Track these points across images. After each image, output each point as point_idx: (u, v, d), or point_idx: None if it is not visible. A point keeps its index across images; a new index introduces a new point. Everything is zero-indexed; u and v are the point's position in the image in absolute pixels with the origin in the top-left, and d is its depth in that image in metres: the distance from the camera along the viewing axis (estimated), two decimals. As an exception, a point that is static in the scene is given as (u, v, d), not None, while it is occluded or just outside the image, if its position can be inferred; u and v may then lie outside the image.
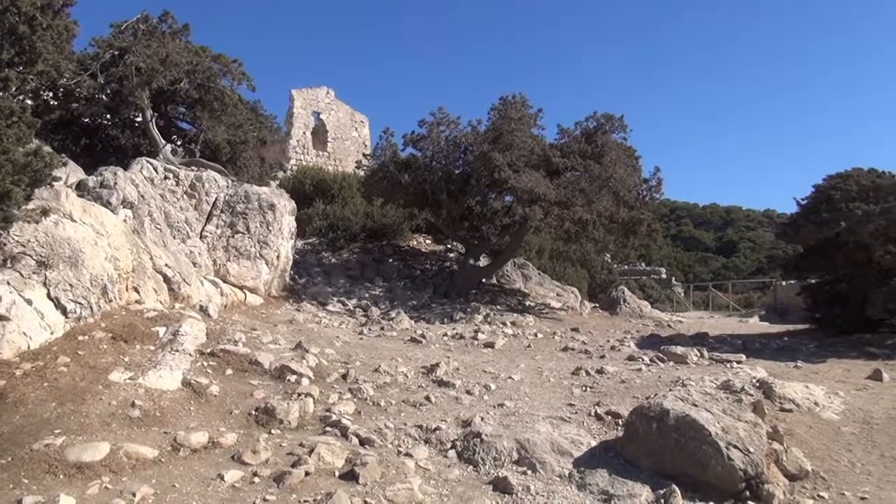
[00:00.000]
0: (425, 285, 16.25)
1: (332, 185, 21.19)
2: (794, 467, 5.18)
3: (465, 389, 7.44)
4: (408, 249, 19.15)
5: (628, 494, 4.71)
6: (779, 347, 11.95)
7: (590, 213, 14.67)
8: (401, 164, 15.75)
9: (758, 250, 60.78)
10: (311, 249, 17.56)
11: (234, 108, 16.07)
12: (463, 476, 5.07)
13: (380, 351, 9.39)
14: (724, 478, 4.81)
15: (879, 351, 10.94)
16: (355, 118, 32.04)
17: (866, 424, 6.39)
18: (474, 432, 5.67)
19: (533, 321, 13.94)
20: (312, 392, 6.50)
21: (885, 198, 11.73)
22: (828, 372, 9.44)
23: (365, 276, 16.11)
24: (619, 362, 9.66)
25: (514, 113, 15.37)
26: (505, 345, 11.20)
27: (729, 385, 7.16)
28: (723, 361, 9.89)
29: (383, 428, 5.84)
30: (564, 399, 7.18)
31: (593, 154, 15.42)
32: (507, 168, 14.05)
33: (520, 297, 17.22)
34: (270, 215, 12.29)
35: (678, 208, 79.59)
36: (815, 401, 6.96)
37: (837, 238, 12.09)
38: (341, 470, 4.83)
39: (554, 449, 5.43)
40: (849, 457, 5.61)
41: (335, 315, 12.54)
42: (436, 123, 15.51)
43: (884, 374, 8.95)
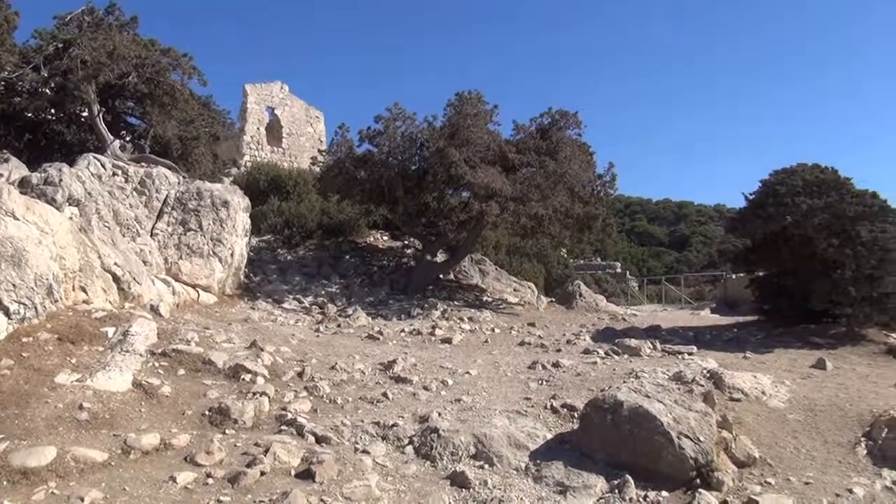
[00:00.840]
0: (382, 282, 16.19)
1: (288, 182, 20.93)
2: (742, 455, 5.32)
3: (423, 385, 7.45)
4: (365, 246, 19.05)
5: (583, 486, 4.78)
6: (728, 339, 12.27)
7: (545, 209, 14.81)
8: (357, 160, 15.65)
9: (709, 244, 62.26)
10: (266, 247, 17.33)
11: (185, 102, 15.72)
12: (420, 472, 5.07)
13: (336, 348, 9.33)
14: (675, 466, 4.92)
15: (823, 341, 11.33)
16: (310, 113, 31.70)
17: (810, 412, 6.60)
18: (432, 428, 5.68)
19: (490, 316, 14.02)
20: (268, 391, 6.42)
21: (828, 193, 12.11)
22: (775, 362, 9.73)
23: (321, 273, 15.96)
24: (575, 356, 9.78)
25: (469, 109, 15.41)
26: (462, 340, 11.24)
27: (681, 376, 7.32)
28: (675, 353, 10.11)
29: (340, 425, 5.81)
30: (521, 393, 7.24)
31: (548, 150, 15.56)
32: (463, 164, 14.09)
33: (477, 292, 17.29)
34: (224, 212, 12.09)
35: (632, 204, 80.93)
36: (763, 390, 7.16)
37: (783, 232, 12.43)
38: (297, 469, 4.78)
39: (511, 442, 5.48)
40: (794, 443, 5.79)
41: (291, 313, 12.40)
42: (392, 119, 15.44)
43: (827, 363, 9.27)
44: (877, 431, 5.80)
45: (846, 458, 5.49)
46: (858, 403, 6.84)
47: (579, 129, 16.72)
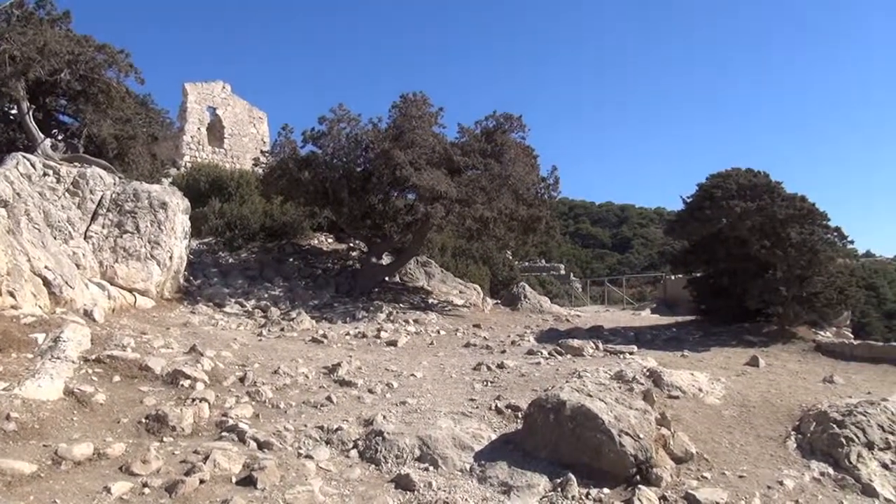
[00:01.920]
0: (327, 284, 16.01)
1: (229, 183, 20.48)
2: (680, 451, 5.47)
3: (368, 388, 7.40)
4: (309, 248, 18.81)
5: (527, 485, 4.83)
6: (668, 338, 12.60)
7: (490, 211, 14.90)
8: (300, 161, 15.43)
9: (650, 246, 63.95)
10: (207, 249, 16.93)
11: (122, 101, 15.20)
12: (365, 475, 5.04)
13: (280, 352, 9.18)
14: (616, 463, 5.02)
15: (756, 339, 11.76)
16: (253, 114, 31.15)
17: (744, 407, 6.84)
18: (376, 431, 5.65)
19: (436, 318, 14.03)
20: (208, 397, 6.27)
21: (761, 196, 12.56)
22: (711, 360, 10.05)
23: (264, 276, 15.68)
24: (520, 357, 9.88)
25: (415, 111, 15.40)
26: (408, 342, 11.22)
27: (622, 375, 7.48)
28: (617, 353, 10.33)
29: (283, 430, 5.72)
30: (466, 394, 7.27)
31: (493, 153, 15.68)
32: (408, 166, 14.06)
33: (423, 294, 17.28)
34: (162, 214, 11.76)
35: (576, 206, 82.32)
36: (700, 387, 7.38)
37: (719, 234, 12.85)
38: (238, 476, 4.68)
39: (455, 444, 5.49)
40: (729, 438, 5.99)
41: (233, 317, 12.15)
42: (336, 120, 15.29)
43: (760, 361, 9.63)
44: (805, 425, 6.05)
45: (777, 451, 5.71)
46: (789, 399, 7.13)
47: (523, 133, 16.90)
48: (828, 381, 8.46)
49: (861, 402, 6.17)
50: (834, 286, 12.24)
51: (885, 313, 53.91)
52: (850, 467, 5.22)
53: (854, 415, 5.81)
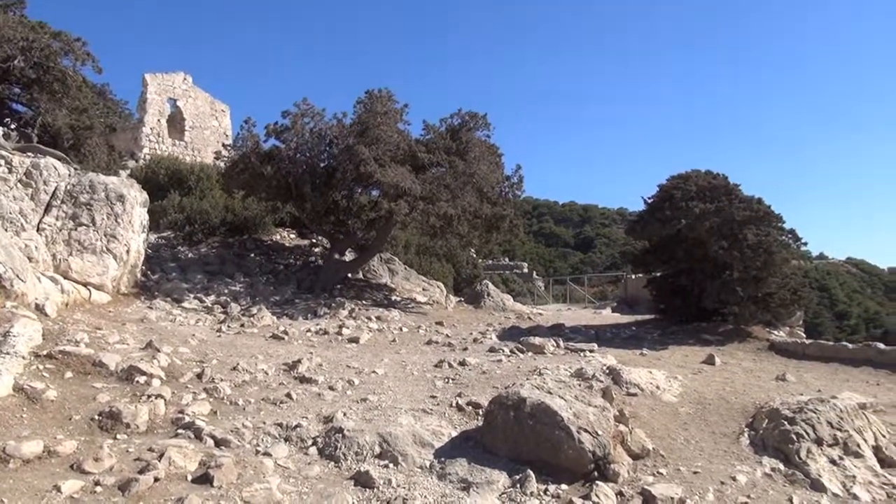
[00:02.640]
0: (289, 280, 15.85)
1: (190, 176, 20.11)
2: (637, 447, 5.55)
3: (328, 385, 7.35)
4: (271, 244, 18.60)
5: (486, 481, 4.85)
6: (627, 336, 12.78)
7: (454, 209, 14.92)
8: (263, 155, 15.21)
9: (612, 246, 64.78)
10: (165, 244, 16.60)
11: (78, 90, 14.85)
12: (324, 472, 5.00)
13: (239, 348, 9.06)
14: (575, 460, 5.07)
15: (713, 338, 12.01)
16: (216, 107, 30.62)
17: (700, 405, 6.97)
18: (336, 428, 5.61)
19: (398, 316, 14.00)
20: (164, 393, 6.15)
21: (719, 198, 12.83)
22: (669, 358, 10.23)
23: (224, 271, 15.45)
24: (481, 354, 9.92)
25: (380, 107, 15.32)
26: (370, 339, 11.17)
27: (582, 373, 7.56)
28: (577, 351, 10.43)
29: (241, 427, 5.64)
30: (427, 391, 7.26)
31: (458, 151, 15.69)
32: (372, 162, 13.99)
33: (386, 291, 17.23)
34: (119, 207, 11.49)
35: (539, 206, 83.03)
36: (657, 385, 7.51)
37: (679, 234, 13.08)
38: (194, 473, 4.60)
39: (416, 441, 5.49)
40: (685, 435, 6.10)
41: (191, 312, 11.94)
42: (300, 115, 15.12)
43: (716, 359, 9.84)
44: (758, 422, 6.19)
45: (731, 447, 5.83)
46: (743, 396, 7.29)
47: (488, 131, 16.96)
48: (780, 380, 8.68)
49: (811, 400, 6.33)
50: (788, 287, 12.57)
51: (837, 314, 55.60)
52: (800, 463, 5.36)
53: (804, 412, 5.96)
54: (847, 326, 50.61)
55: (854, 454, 5.52)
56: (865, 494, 4.94)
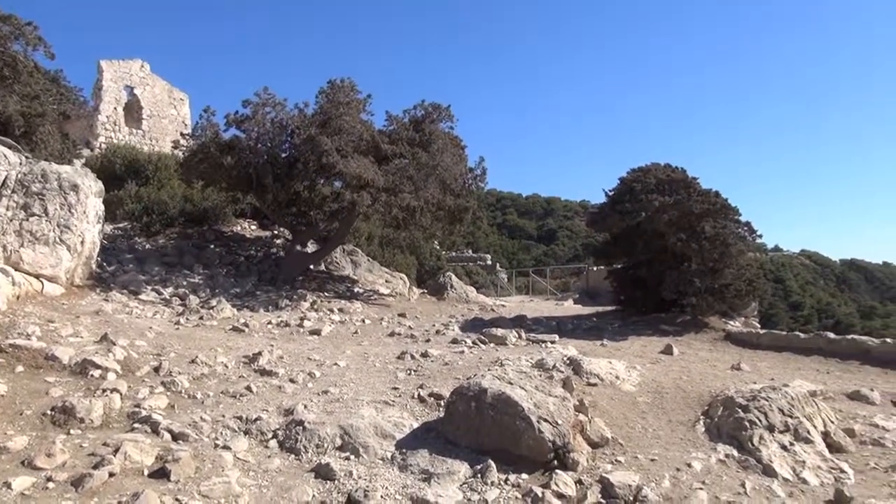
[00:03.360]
0: (250, 272, 15.65)
1: (147, 166, 19.68)
2: (596, 436, 5.63)
3: (289, 378, 7.29)
4: (231, 235, 18.33)
5: (447, 472, 4.87)
6: (588, 327, 12.94)
7: (417, 200, 14.90)
8: (223, 145, 14.94)
9: (575, 238, 65.52)
10: (122, 234, 16.24)
11: (30, 76, 14.36)
12: (284, 465, 4.96)
13: (198, 341, 8.92)
14: (535, 449, 5.12)
15: (671, 328, 12.24)
16: (174, 95, 29.99)
17: (658, 394, 7.10)
18: (297, 420, 5.57)
19: (361, 307, 13.95)
20: (119, 387, 6.03)
21: (678, 191, 13.05)
22: (628, 348, 10.39)
23: (183, 262, 15.18)
24: (444, 345, 9.94)
25: (342, 97, 15.16)
26: (332, 331, 11.11)
27: (543, 363, 7.63)
28: (539, 342, 10.53)
29: (199, 421, 5.56)
30: (389, 383, 7.26)
31: (421, 142, 15.64)
32: (335, 153, 13.86)
33: (348, 283, 17.14)
34: (73, 197, 11.18)
35: (503, 198, 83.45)
36: (617, 375, 7.62)
37: (638, 227, 13.26)
38: (151, 468, 4.52)
39: (377, 433, 5.48)
40: (643, 423, 6.21)
41: (149, 304, 11.71)
42: (261, 104, 14.88)
43: (674, 349, 10.03)
44: (713, 410, 6.33)
45: (687, 435, 5.95)
46: (699, 385, 7.44)
47: (451, 123, 16.93)
48: (735, 369, 8.89)
49: (764, 388, 6.50)
50: (743, 278, 12.86)
51: (791, 304, 57.21)
52: (752, 449, 5.50)
53: (758, 400, 6.11)
54: (801, 317, 52.14)
55: (804, 440, 5.69)
56: (814, 479, 5.10)
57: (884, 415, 6.84)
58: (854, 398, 7.53)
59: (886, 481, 5.09)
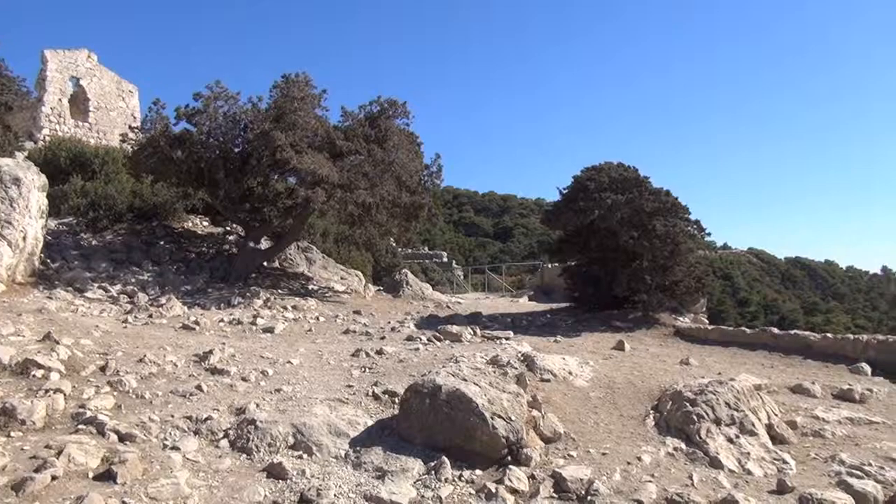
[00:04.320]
0: (201, 269, 15.35)
1: (94, 160, 19.06)
2: (549, 431, 5.69)
3: (241, 376, 7.17)
4: (182, 231, 17.94)
5: (401, 469, 4.86)
6: (542, 324, 13.08)
7: (373, 197, 14.82)
8: (173, 139, 14.60)
9: (530, 236, 66.13)
10: (67, 230, 15.74)
11: (-32, 65, 13.82)
12: (235, 465, 4.89)
13: (146, 340, 8.71)
14: (489, 445, 5.15)
15: (623, 324, 12.45)
16: (123, 87, 29.17)
17: (610, 389, 7.21)
18: (248, 419, 5.49)
19: (315, 305, 13.82)
20: (63, 387, 5.85)
21: (630, 189, 13.27)
22: (582, 344, 10.53)
23: (132, 259, 14.80)
24: (399, 343, 9.92)
25: (297, 92, 14.96)
26: (285, 329, 10.97)
27: (497, 360, 7.68)
28: (494, 338, 10.59)
29: (147, 421, 5.43)
30: (343, 381, 7.20)
31: (377, 138, 15.56)
32: (289, 148, 13.69)
33: (303, 280, 16.96)
34: (14, 190, 10.81)
35: (460, 195, 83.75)
36: (570, 371, 7.72)
37: (592, 224, 13.46)
38: (96, 470, 4.40)
39: (331, 431, 5.44)
40: (595, 418, 6.30)
41: (95, 302, 11.39)
42: (213, 98, 14.57)
43: (626, 345, 10.20)
44: (663, 404, 6.46)
45: (638, 429, 6.06)
46: (650, 380, 7.59)
47: (407, 119, 16.89)
48: (684, 364, 9.09)
49: (711, 382, 6.66)
50: (693, 276, 13.17)
51: (739, 301, 58.83)
52: (700, 442, 5.63)
53: (705, 394, 6.26)
54: (748, 313, 53.67)
55: (749, 432, 5.85)
56: (758, 470, 5.25)
57: (824, 407, 7.08)
58: (796, 391, 7.78)
59: (826, 471, 5.27)
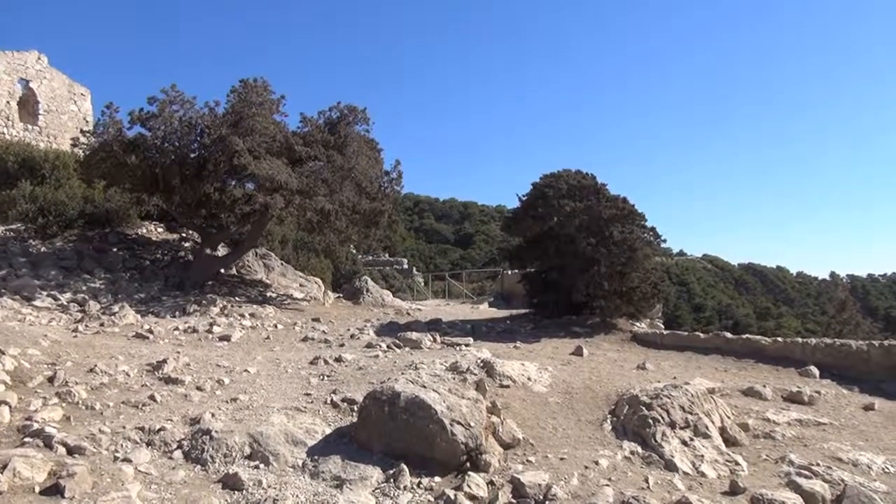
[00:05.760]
0: (156, 276, 15.02)
1: (44, 164, 18.49)
2: (508, 437, 5.72)
3: (196, 385, 7.04)
4: (136, 238, 17.54)
5: (359, 477, 4.82)
6: (502, 330, 13.14)
7: (332, 204, 14.71)
8: (127, 143, 14.24)
9: (491, 242, 66.46)
10: (14, 237, 15.25)
11: None
12: (189, 477, 4.79)
13: (98, 349, 8.48)
14: (448, 452, 5.15)
15: (582, 330, 12.59)
16: (74, 90, 28.39)
17: (568, 394, 7.28)
18: (203, 430, 5.39)
19: (273, 312, 13.64)
20: (9, 399, 5.65)
21: (588, 196, 13.46)
22: (541, 350, 10.61)
23: (83, 267, 14.40)
24: (358, 350, 9.86)
25: (255, 97, 14.76)
26: (242, 337, 10.80)
27: (457, 366, 7.68)
28: (453, 345, 10.59)
29: (98, 433, 5.28)
30: (301, 389, 7.13)
31: (336, 144, 15.45)
32: (247, 154, 13.50)
33: (261, 288, 16.74)
34: (-42, 196, 10.45)
35: (421, 202, 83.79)
36: (529, 376, 7.77)
37: (551, 231, 13.60)
38: (43, 485, 4.26)
39: (288, 440, 5.37)
40: (553, 423, 6.35)
41: (44, 311, 11.05)
42: (168, 102, 14.27)
43: (584, 351, 10.32)
44: (620, 409, 6.55)
45: (595, 433, 6.13)
46: (607, 385, 7.69)
47: (367, 126, 16.77)
48: (641, 368, 9.23)
49: (666, 387, 6.78)
50: (649, 281, 13.39)
51: (694, 306, 60.07)
52: (655, 445, 5.72)
53: (660, 398, 6.37)
54: (703, 318, 54.84)
55: (703, 435, 5.97)
56: (712, 471, 5.36)
57: (775, 409, 7.27)
58: (748, 394, 7.97)
59: (776, 472, 5.41)
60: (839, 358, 9.60)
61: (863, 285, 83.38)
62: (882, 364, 9.14)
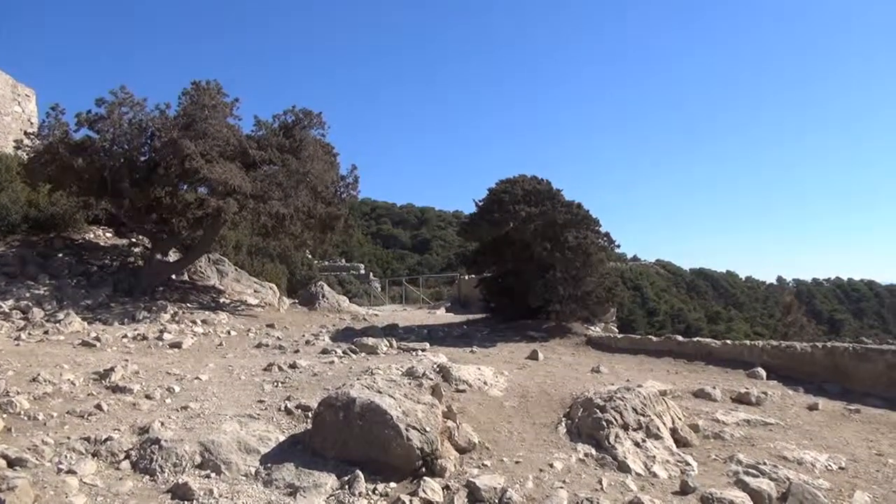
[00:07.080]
0: (104, 283, 14.60)
1: (-15, 167, 17.91)
2: (464, 441, 5.71)
3: (145, 394, 6.86)
4: (83, 243, 17.03)
5: (314, 485, 4.76)
6: (459, 335, 13.16)
7: (287, 208, 14.53)
8: (73, 146, 13.81)
9: (448, 248, 66.66)
10: (-47, 242, 14.68)
11: None
12: (137, 488, 4.65)
13: (41, 358, 8.20)
14: (403, 457, 5.11)
15: (538, 334, 12.70)
16: (18, 91, 27.44)
17: (524, 398, 7.32)
18: (152, 439, 5.25)
19: (227, 319, 13.40)
20: (-56, 411, 5.43)
21: (543, 202, 13.59)
22: (497, 354, 10.66)
23: (26, 273, 13.90)
24: (313, 356, 9.75)
25: (208, 100, 14.50)
26: (194, 344, 10.58)
27: (413, 371, 7.66)
28: (410, 350, 10.58)
29: (40, 445, 5.09)
30: (255, 396, 7.01)
31: (291, 148, 15.27)
32: (199, 157, 13.23)
33: (214, 293, 16.43)
34: None
35: (378, 207, 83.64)
36: (485, 380, 7.79)
37: (507, 236, 13.69)
38: (-20, 500, 4.10)
39: (241, 448, 5.27)
40: (509, 427, 6.38)
41: (-16, 319, 10.64)
42: (117, 104, 13.89)
43: (540, 354, 10.41)
44: (574, 411, 6.61)
45: (550, 436, 6.17)
46: (562, 388, 7.76)
47: (323, 130, 16.64)
48: (595, 371, 9.35)
49: (620, 389, 6.87)
50: (603, 286, 13.59)
51: (648, 311, 61.16)
52: (609, 447, 5.79)
53: (614, 400, 6.45)
54: (656, 321, 55.92)
55: (655, 436, 6.06)
56: (663, 472, 5.44)
57: (724, 410, 7.43)
58: (699, 396, 8.13)
59: (725, 471, 5.52)
60: (785, 360, 9.88)
61: (808, 289, 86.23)
62: (825, 365, 9.43)
